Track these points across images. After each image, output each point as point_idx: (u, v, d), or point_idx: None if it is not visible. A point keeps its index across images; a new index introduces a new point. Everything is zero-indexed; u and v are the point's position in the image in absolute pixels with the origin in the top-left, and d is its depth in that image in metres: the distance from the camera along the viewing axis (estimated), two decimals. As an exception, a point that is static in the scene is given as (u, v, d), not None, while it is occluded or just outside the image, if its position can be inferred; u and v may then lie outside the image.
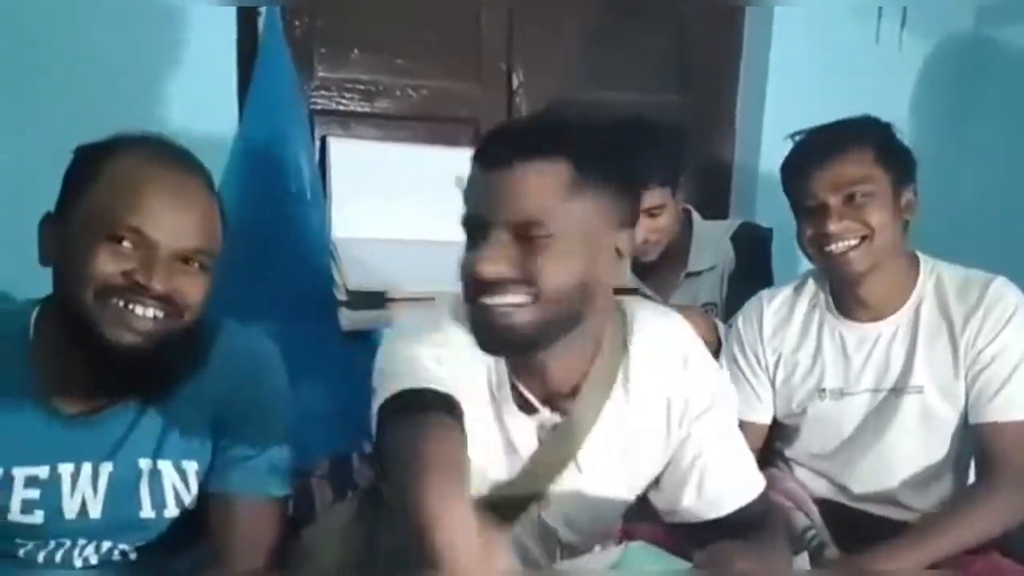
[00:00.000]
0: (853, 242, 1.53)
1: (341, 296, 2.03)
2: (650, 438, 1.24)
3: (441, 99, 2.38)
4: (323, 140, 2.22)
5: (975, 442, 1.55)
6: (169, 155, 1.15)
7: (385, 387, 1.12)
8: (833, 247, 1.54)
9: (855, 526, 1.63)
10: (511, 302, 1.08)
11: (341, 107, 2.28)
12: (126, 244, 1.08)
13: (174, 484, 1.23)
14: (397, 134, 2.33)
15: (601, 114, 2.13)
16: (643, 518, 1.45)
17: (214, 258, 1.16)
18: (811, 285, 1.70)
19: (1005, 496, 1.47)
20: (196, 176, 1.16)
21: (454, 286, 1.17)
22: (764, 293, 1.75)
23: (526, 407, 1.20)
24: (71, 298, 1.09)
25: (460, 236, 1.15)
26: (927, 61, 2.66)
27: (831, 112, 2.63)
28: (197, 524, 1.25)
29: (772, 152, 2.53)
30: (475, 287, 1.09)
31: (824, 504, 1.66)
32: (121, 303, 1.08)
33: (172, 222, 1.10)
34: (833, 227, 1.52)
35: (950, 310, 1.57)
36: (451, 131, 2.39)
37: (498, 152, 1.08)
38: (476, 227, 1.09)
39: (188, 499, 1.24)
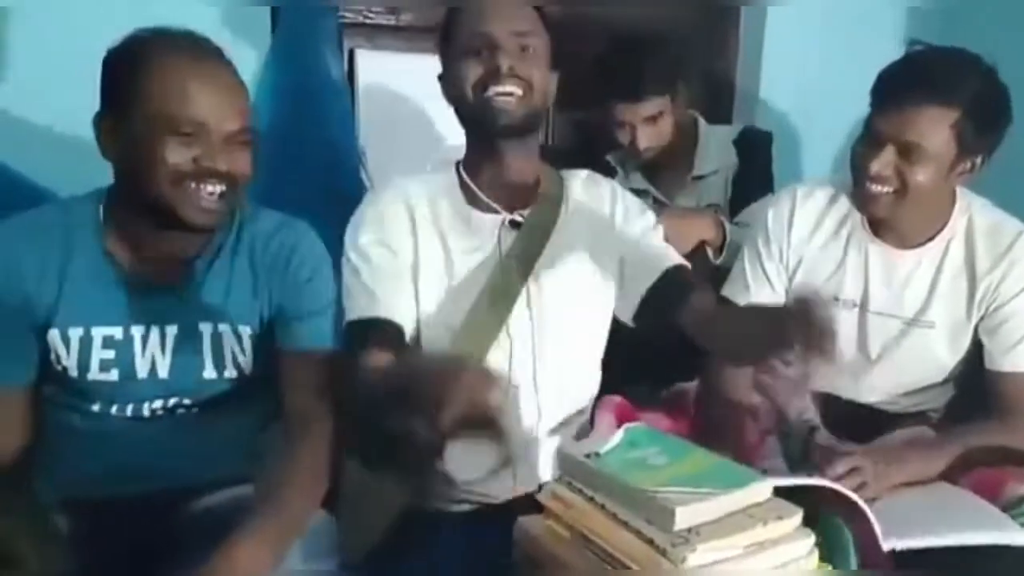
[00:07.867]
0: (887, 189, 1.52)
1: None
2: (595, 250, 1.55)
3: (462, 11, 2.45)
4: (351, 52, 2.31)
5: (989, 386, 1.58)
6: (201, 48, 1.29)
7: (346, 309, 1.44)
8: (869, 187, 1.52)
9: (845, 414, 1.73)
10: (510, 91, 1.40)
11: (367, 20, 2.36)
12: (189, 135, 1.24)
13: (232, 347, 1.38)
14: (420, 45, 2.38)
15: (599, 29, 2.22)
16: (641, 406, 1.64)
17: (254, 133, 1.32)
18: (848, 197, 1.67)
19: (1018, 439, 1.50)
20: (226, 64, 1.31)
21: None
22: (800, 190, 1.71)
23: (490, 208, 1.51)
24: (147, 188, 1.26)
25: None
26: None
27: (836, 16, 2.63)
28: (253, 386, 1.42)
29: (773, 57, 2.56)
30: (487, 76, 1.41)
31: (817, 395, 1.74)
32: (193, 185, 1.26)
33: (221, 109, 1.26)
34: (876, 168, 1.49)
35: (976, 252, 1.57)
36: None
37: None
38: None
39: (244, 361, 1.39)
